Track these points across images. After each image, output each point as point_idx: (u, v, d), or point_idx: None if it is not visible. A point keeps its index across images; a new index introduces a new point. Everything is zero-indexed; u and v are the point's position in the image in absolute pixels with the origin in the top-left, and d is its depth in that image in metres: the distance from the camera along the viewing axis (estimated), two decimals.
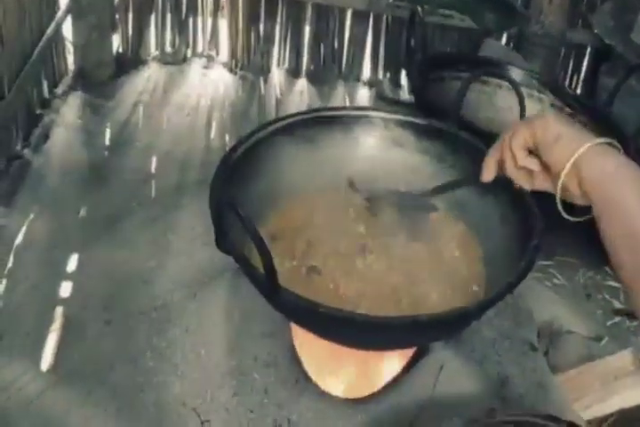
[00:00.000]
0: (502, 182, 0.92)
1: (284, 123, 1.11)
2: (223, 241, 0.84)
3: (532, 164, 0.85)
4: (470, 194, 1.08)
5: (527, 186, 0.89)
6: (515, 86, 1.31)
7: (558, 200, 0.81)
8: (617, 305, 1.45)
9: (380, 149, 1.17)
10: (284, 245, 1.04)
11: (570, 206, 0.82)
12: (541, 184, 0.87)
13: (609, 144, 0.78)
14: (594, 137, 0.78)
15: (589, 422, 1.13)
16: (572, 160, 0.77)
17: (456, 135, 1.14)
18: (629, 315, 1.40)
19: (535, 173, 0.86)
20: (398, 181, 1.14)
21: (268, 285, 0.79)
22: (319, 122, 1.14)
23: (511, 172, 0.88)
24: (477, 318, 0.93)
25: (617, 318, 1.40)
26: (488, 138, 0.98)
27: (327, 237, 1.05)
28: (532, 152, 0.85)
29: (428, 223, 1.10)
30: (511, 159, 0.87)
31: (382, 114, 1.18)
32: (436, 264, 1.04)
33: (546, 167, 0.84)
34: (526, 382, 1.10)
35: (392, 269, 1.02)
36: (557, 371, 1.18)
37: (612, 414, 1.13)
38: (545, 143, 0.81)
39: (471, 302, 0.90)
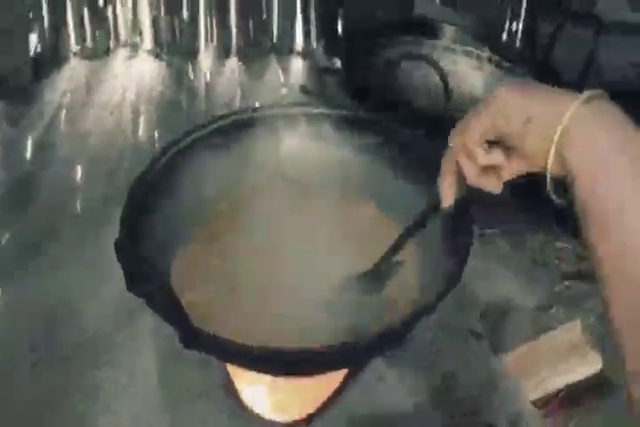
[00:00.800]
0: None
1: (197, 135, 1.06)
2: (134, 284, 0.80)
3: (497, 158, 0.69)
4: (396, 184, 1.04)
5: (496, 187, 0.72)
6: (433, 65, 1.26)
7: (549, 186, 0.65)
8: (565, 268, 1.41)
9: (303, 146, 1.13)
10: (208, 267, 1.01)
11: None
12: (513, 171, 0.70)
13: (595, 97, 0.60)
14: (571, 96, 0.61)
15: (537, 400, 1.10)
16: (553, 147, 0.61)
17: (378, 123, 1.10)
18: (580, 278, 1.37)
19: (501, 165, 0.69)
20: (326, 178, 1.10)
21: (182, 336, 0.78)
22: (237, 126, 1.10)
23: (474, 180, 0.72)
24: (410, 331, 0.89)
25: (566, 282, 1.37)
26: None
27: (251, 255, 1.00)
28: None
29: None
30: (470, 164, 0.71)
31: (300, 109, 1.14)
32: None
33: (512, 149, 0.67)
34: (472, 377, 1.09)
35: (319, 282, 0.97)
36: (505, 353, 1.15)
37: (561, 390, 1.11)
38: (512, 134, 0.65)
39: (399, 320, 0.85)
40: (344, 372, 1.06)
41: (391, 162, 1.08)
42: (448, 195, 0.76)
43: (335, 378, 1.05)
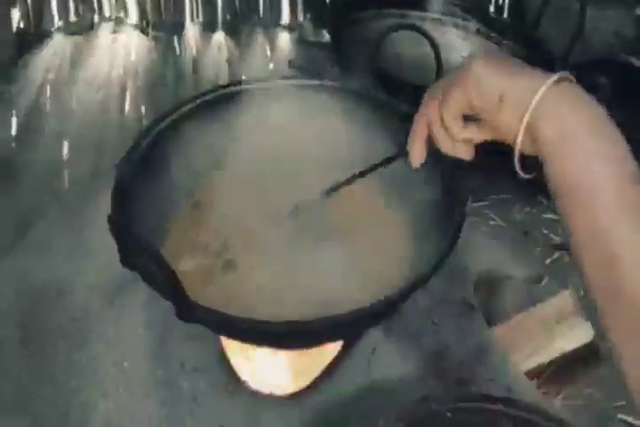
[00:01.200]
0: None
1: (186, 108, 1.04)
2: (127, 258, 0.79)
3: (474, 133, 0.72)
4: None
5: (468, 155, 0.76)
6: (425, 35, 1.24)
7: (516, 161, 0.68)
8: (556, 240, 1.40)
9: (292, 118, 1.11)
10: (200, 239, 1.00)
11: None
12: (483, 137, 0.73)
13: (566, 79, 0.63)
14: (543, 76, 0.62)
15: (530, 371, 1.11)
16: (523, 125, 0.63)
17: (367, 94, 1.08)
18: (568, 249, 1.36)
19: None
20: (317, 150, 1.09)
21: (178, 309, 0.76)
22: (226, 99, 1.09)
23: (448, 148, 0.75)
24: (403, 302, 0.88)
25: (556, 254, 1.37)
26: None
27: (245, 227, 1.00)
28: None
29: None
30: (445, 135, 0.73)
31: (289, 81, 1.13)
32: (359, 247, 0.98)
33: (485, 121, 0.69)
34: (465, 347, 1.09)
35: (313, 256, 0.95)
36: (497, 324, 1.15)
37: (553, 361, 1.11)
38: (486, 109, 0.67)
39: (393, 289, 0.84)
40: (339, 344, 1.05)
41: (382, 133, 1.07)
42: (417, 156, 0.79)
43: (330, 350, 1.05)
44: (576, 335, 1.13)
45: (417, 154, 0.79)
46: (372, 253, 0.98)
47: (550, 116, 0.62)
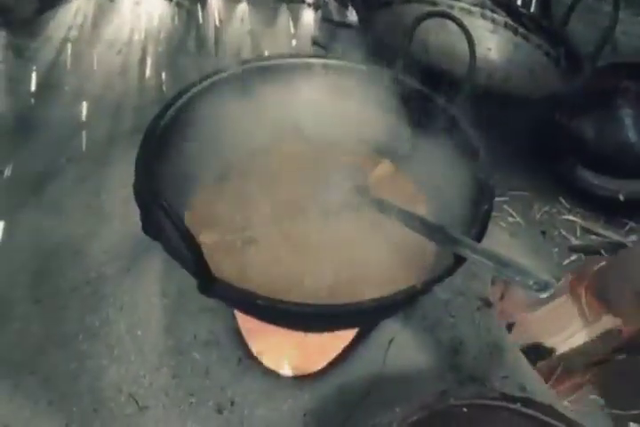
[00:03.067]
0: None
1: (213, 79, 1.02)
2: (150, 227, 0.77)
3: None
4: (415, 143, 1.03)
5: None
6: (462, 27, 1.23)
7: None
8: (573, 241, 1.40)
9: (322, 98, 1.10)
10: (223, 213, 0.98)
11: None
12: None
13: None
14: None
15: (542, 367, 1.11)
16: None
17: (399, 80, 1.07)
18: (586, 252, 1.37)
19: None
20: (342, 132, 1.08)
21: (200, 283, 0.74)
22: (255, 73, 1.06)
23: None
24: (425, 294, 0.88)
25: (573, 256, 1.37)
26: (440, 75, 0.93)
27: (267, 204, 0.99)
28: None
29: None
30: None
31: (321, 60, 1.10)
32: (384, 233, 0.97)
33: None
34: (480, 343, 1.09)
35: (336, 238, 0.95)
36: (512, 320, 1.15)
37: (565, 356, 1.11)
38: None
39: (418, 279, 0.83)
40: (355, 331, 1.05)
41: (408, 119, 1.06)
42: None
43: (347, 336, 1.04)
44: (586, 332, 1.13)
45: None
46: (398, 243, 0.97)
47: None
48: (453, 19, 1.31)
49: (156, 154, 0.90)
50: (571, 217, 1.44)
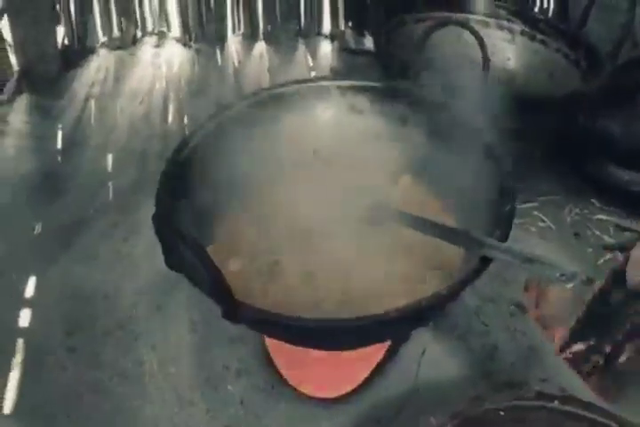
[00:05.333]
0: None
1: (230, 112, 1.04)
2: (172, 259, 0.78)
3: None
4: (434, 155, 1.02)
5: None
6: (473, 33, 1.22)
7: None
8: (608, 240, 1.36)
9: (338, 119, 1.11)
10: (246, 243, 0.99)
11: None
12: None
13: None
14: None
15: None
16: None
17: (416, 94, 1.07)
18: (621, 249, 1.33)
19: None
20: (361, 151, 1.08)
21: (224, 309, 0.74)
22: (268, 102, 1.08)
23: None
24: (453, 300, 0.85)
25: (608, 255, 1.33)
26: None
27: (290, 228, 0.98)
28: None
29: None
30: None
31: (334, 82, 1.12)
32: (409, 246, 0.96)
33: None
34: (517, 348, 1.07)
35: (361, 255, 0.94)
36: (550, 327, 1.12)
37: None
38: None
39: (441, 286, 0.81)
40: (385, 346, 1.03)
41: (427, 133, 1.05)
42: None
43: (378, 352, 1.02)
44: None
45: None
46: (425, 255, 0.95)
47: None
48: (462, 24, 1.31)
49: (176, 187, 0.91)
50: (603, 216, 1.40)
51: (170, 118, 1.74)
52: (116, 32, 2.08)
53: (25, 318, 1.17)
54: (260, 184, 1.05)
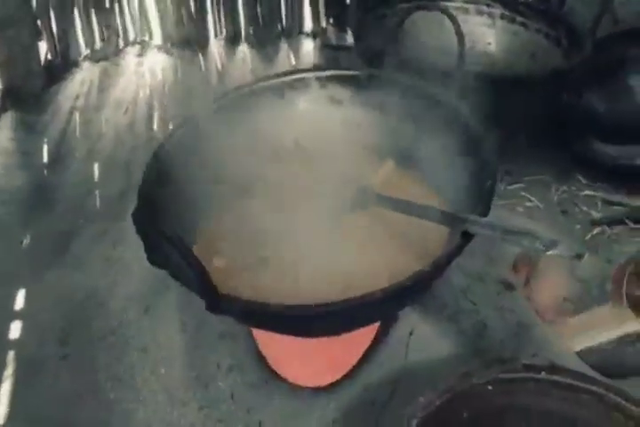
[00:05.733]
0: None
1: (212, 108, 1.05)
2: (154, 257, 0.77)
3: None
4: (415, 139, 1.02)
5: None
6: (449, 16, 1.21)
7: None
8: (595, 215, 1.36)
9: (318, 109, 1.10)
10: (231, 239, 0.98)
11: None
12: None
13: None
14: None
15: None
16: None
17: (394, 80, 1.06)
18: (609, 223, 1.32)
19: None
20: (341, 139, 1.07)
21: (207, 301, 0.73)
22: (249, 96, 1.08)
23: None
24: (438, 277, 0.85)
25: (596, 230, 1.33)
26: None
27: (275, 221, 0.97)
28: None
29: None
30: None
31: (312, 73, 1.11)
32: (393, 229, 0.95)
33: None
34: (505, 325, 1.05)
35: (347, 242, 0.94)
36: (540, 303, 1.11)
37: None
38: None
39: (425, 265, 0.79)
40: (373, 330, 1.02)
41: (407, 118, 1.05)
42: None
43: (365, 337, 1.02)
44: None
45: None
46: (408, 237, 0.94)
47: None
48: (437, 8, 1.30)
49: (157, 184, 0.91)
50: (590, 192, 1.40)
51: (155, 126, 1.74)
52: (98, 43, 2.08)
53: (16, 330, 1.18)
54: (241, 179, 1.04)
